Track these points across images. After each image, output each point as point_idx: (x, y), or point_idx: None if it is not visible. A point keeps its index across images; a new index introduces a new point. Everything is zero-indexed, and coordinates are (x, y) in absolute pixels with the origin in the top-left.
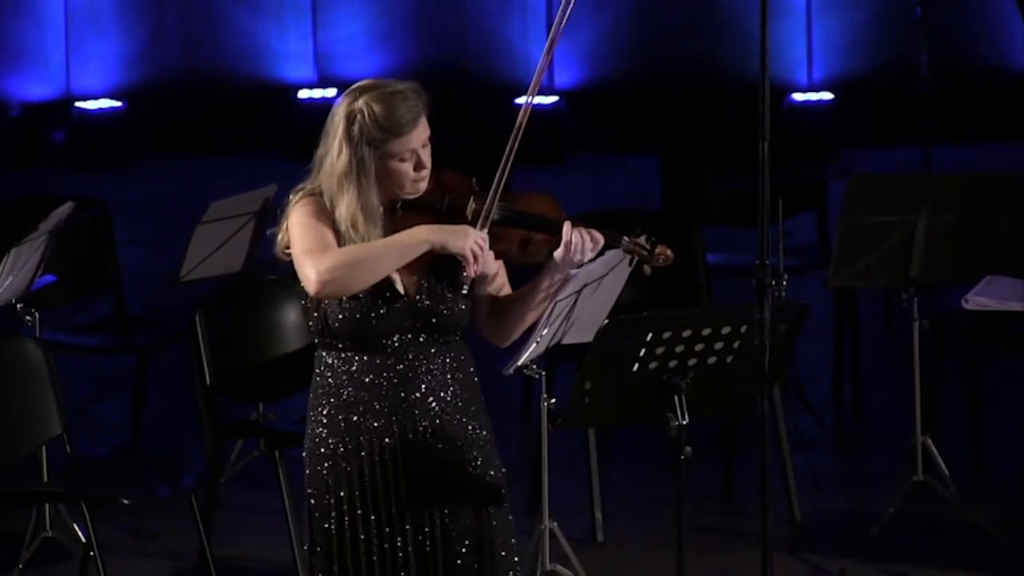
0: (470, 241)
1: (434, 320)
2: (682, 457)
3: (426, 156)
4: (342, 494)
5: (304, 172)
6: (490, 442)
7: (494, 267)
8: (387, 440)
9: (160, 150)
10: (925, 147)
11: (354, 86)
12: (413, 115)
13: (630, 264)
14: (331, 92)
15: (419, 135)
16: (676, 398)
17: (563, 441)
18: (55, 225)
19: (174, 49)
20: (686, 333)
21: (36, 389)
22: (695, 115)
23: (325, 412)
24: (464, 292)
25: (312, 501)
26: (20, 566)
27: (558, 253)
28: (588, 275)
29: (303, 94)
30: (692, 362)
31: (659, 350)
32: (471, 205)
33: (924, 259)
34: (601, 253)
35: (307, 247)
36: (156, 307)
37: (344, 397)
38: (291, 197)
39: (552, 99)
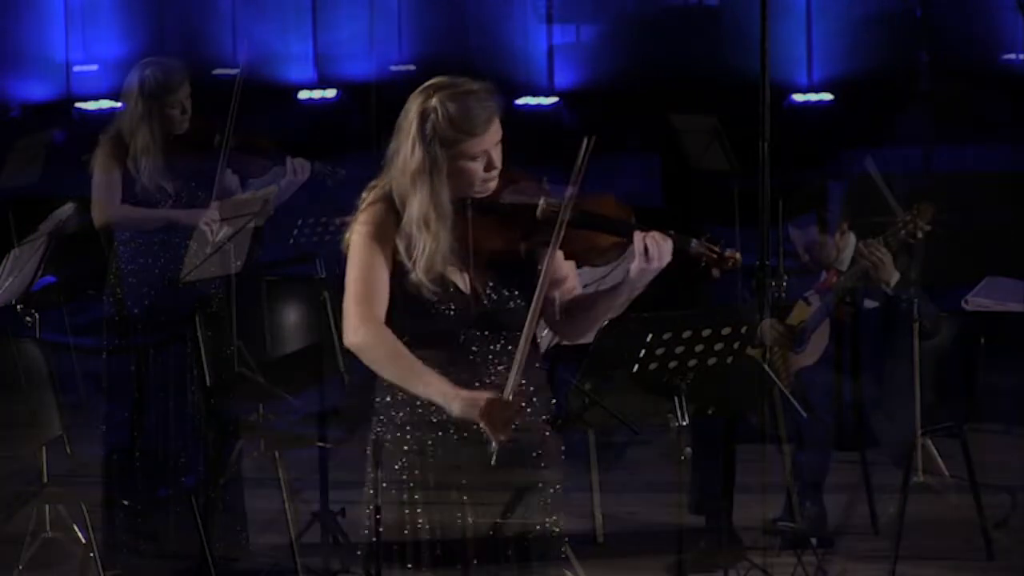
0: (492, 417)
1: (499, 318)
2: (682, 457)
3: (497, 156)
4: (413, 487)
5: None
6: (552, 433)
7: (565, 269)
8: (453, 433)
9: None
10: (925, 147)
11: (427, 83)
12: (487, 115)
13: (700, 266)
14: (331, 93)
15: (492, 136)
16: (676, 399)
17: (563, 441)
18: (55, 226)
19: (174, 49)
20: (686, 334)
21: (36, 389)
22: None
23: (392, 405)
24: (515, 296)
25: (378, 498)
26: (20, 566)
27: (634, 265)
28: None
29: (303, 95)
30: (692, 363)
31: (659, 351)
32: (541, 205)
33: (924, 259)
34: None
35: (358, 298)
36: (156, 307)
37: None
38: (364, 195)
39: (552, 100)
